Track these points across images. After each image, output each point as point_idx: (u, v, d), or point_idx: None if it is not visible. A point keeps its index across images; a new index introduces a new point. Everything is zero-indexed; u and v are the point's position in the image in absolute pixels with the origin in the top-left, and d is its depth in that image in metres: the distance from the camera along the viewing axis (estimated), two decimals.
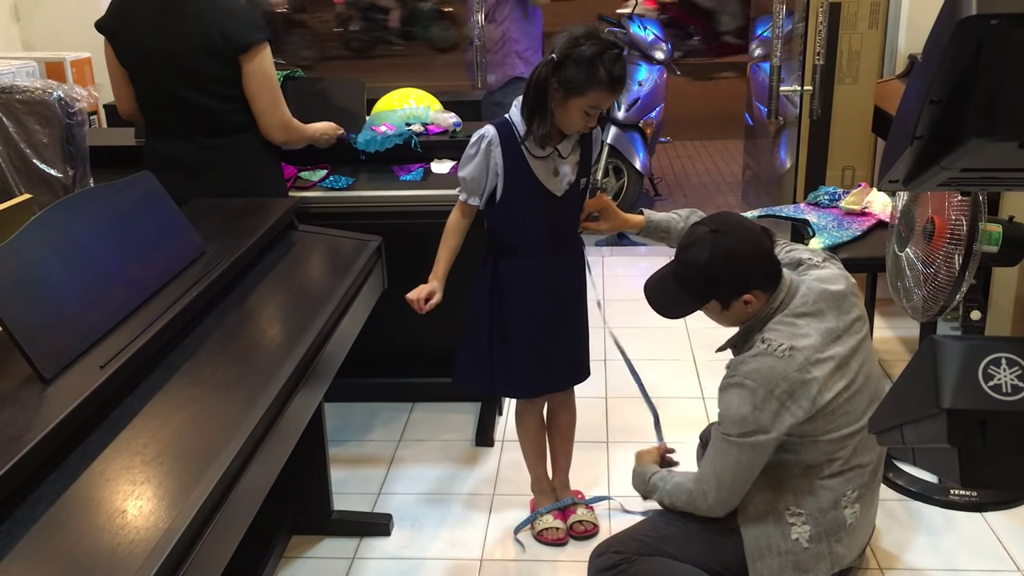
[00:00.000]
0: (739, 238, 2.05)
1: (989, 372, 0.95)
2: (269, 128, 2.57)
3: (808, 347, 2.00)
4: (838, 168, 3.79)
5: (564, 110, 2.19)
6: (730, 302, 2.08)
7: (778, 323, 2.05)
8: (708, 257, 2.04)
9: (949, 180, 1.12)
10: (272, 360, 1.79)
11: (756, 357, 2.01)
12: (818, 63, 3.54)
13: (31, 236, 1.63)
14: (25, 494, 1.32)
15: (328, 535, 2.62)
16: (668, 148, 7.03)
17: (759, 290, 2.06)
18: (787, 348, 1.99)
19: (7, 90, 2.58)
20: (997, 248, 2.53)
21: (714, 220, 2.13)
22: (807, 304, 2.05)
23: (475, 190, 2.31)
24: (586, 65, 2.12)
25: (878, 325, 3.67)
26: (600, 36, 2.16)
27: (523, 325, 2.40)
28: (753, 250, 2.05)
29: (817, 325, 2.03)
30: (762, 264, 2.06)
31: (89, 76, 3.92)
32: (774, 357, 1.99)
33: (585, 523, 2.60)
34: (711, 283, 2.07)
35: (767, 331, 2.05)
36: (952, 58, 0.95)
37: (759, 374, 1.99)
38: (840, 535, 2.10)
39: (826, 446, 2.05)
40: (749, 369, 2.01)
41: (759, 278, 2.06)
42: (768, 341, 2.01)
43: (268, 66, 2.54)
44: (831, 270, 2.16)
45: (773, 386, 1.98)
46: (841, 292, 2.09)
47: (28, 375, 1.51)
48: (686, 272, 2.10)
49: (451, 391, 3.18)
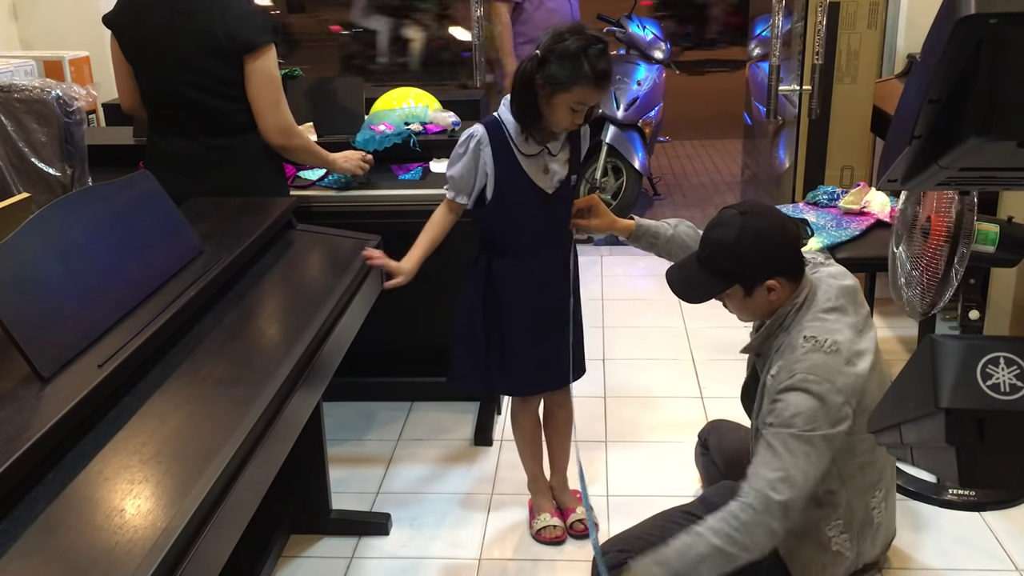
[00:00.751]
0: (768, 220, 2.02)
1: (988, 371, 0.95)
2: (268, 130, 2.56)
3: (846, 341, 1.96)
4: (837, 168, 3.79)
5: (550, 107, 2.17)
6: (753, 288, 2.03)
7: (813, 319, 2.00)
8: (736, 236, 2.00)
9: (948, 179, 1.12)
10: (270, 359, 1.78)
11: (808, 355, 1.95)
12: (817, 63, 3.54)
13: (29, 235, 1.63)
14: (23, 493, 1.31)
15: (326, 534, 2.62)
16: (667, 148, 7.03)
17: (783, 278, 2.02)
18: (832, 343, 1.95)
19: (5, 89, 2.58)
20: (994, 248, 2.53)
21: (743, 204, 2.09)
22: (831, 300, 2.02)
23: (463, 189, 2.30)
24: (570, 60, 2.10)
25: (877, 324, 3.64)
26: (584, 31, 2.14)
27: (518, 323, 2.39)
28: (781, 234, 2.02)
29: (845, 320, 2.01)
30: (789, 249, 2.03)
31: (87, 75, 3.91)
32: (824, 353, 1.94)
33: (585, 522, 2.59)
34: (738, 262, 2.02)
35: (807, 328, 1.99)
36: (951, 57, 0.95)
37: (819, 369, 1.92)
38: (868, 535, 2.10)
39: (865, 443, 2.01)
40: (806, 367, 1.93)
41: (785, 264, 2.02)
42: (813, 338, 1.96)
43: (271, 67, 2.53)
44: (838, 267, 2.15)
45: (834, 379, 1.92)
46: (854, 287, 2.08)
47: (26, 374, 1.51)
48: (712, 251, 2.06)
49: (450, 391, 3.18)
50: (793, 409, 1.91)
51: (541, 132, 2.22)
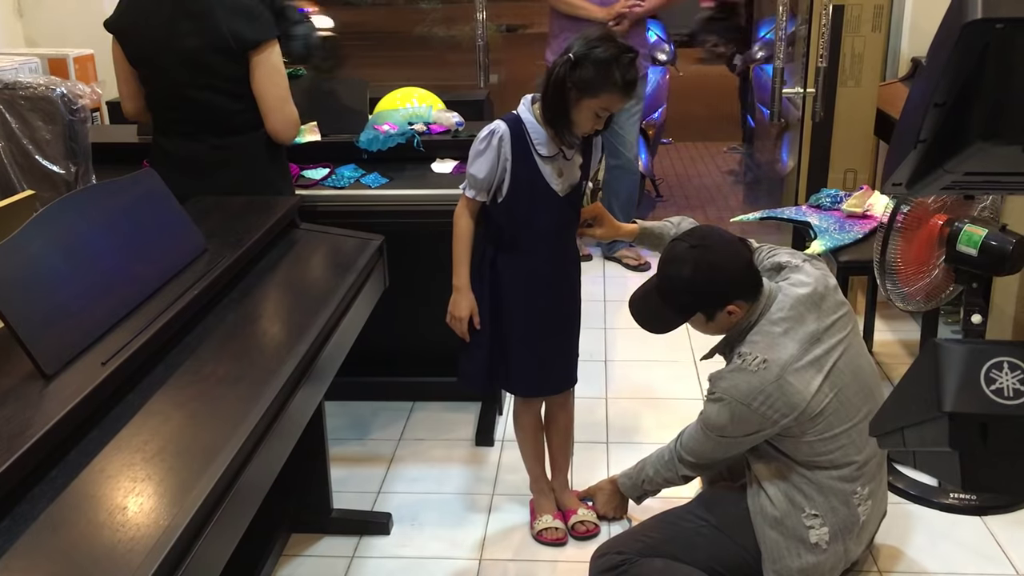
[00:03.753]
0: (719, 251, 2.13)
1: (991, 376, 0.95)
2: (277, 125, 2.55)
3: (784, 357, 2.06)
4: (840, 171, 3.79)
5: (576, 110, 2.20)
6: (715, 314, 2.15)
7: (756, 334, 2.11)
8: (691, 272, 2.12)
9: (952, 183, 1.12)
10: (273, 358, 1.79)
11: (732, 373, 2.11)
12: (821, 65, 3.54)
13: (33, 232, 1.63)
14: (26, 490, 1.32)
15: (328, 533, 2.62)
16: (670, 150, 7.02)
17: (742, 300, 2.13)
18: (760, 361, 2.06)
19: (10, 86, 2.58)
20: (976, 252, 2.53)
21: (693, 235, 2.20)
22: (783, 310, 2.11)
23: (484, 187, 2.31)
24: (602, 67, 2.14)
25: (878, 328, 3.66)
26: (615, 40, 2.19)
27: (520, 321, 2.40)
28: (734, 263, 2.13)
29: (796, 331, 2.09)
30: (743, 275, 2.13)
31: (92, 73, 3.92)
32: (748, 372, 2.07)
33: (586, 523, 2.60)
34: (695, 297, 2.14)
35: (744, 344, 2.12)
36: (957, 61, 0.95)
37: (736, 390, 2.08)
38: (853, 532, 2.16)
39: (819, 445, 2.10)
40: (727, 385, 2.11)
41: (741, 289, 2.13)
42: (743, 355, 2.09)
43: (277, 61, 2.52)
44: (809, 272, 2.19)
45: (750, 400, 2.06)
46: (819, 293, 2.13)
47: (30, 371, 1.51)
48: (670, 287, 2.17)
49: (452, 390, 3.18)
50: (711, 418, 2.16)
51: (570, 134, 2.24)
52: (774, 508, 2.13)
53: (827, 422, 2.08)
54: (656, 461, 2.39)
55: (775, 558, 2.13)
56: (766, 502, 2.14)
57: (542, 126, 2.26)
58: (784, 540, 2.12)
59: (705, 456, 2.26)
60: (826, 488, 2.12)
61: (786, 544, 2.12)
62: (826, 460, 2.11)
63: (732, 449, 2.20)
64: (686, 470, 2.32)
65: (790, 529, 2.12)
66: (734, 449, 2.20)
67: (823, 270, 2.23)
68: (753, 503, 2.17)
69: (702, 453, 2.25)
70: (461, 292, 2.37)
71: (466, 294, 2.37)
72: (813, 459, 2.11)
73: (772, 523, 2.13)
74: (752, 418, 2.08)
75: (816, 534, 2.11)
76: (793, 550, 2.12)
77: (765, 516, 2.14)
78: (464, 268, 2.37)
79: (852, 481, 2.13)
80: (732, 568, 2.16)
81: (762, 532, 2.14)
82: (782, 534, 2.12)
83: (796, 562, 2.12)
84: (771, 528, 2.14)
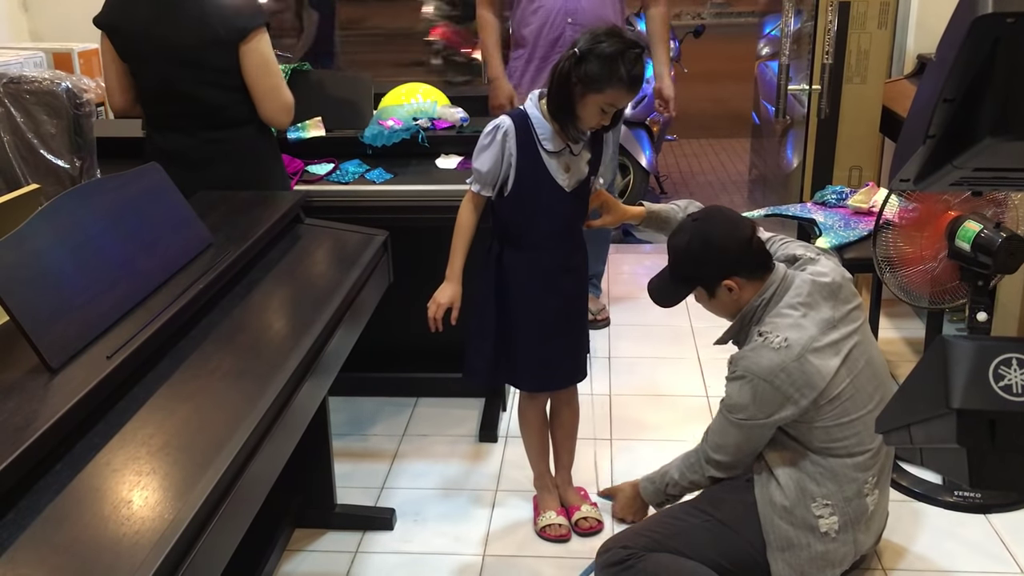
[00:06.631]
0: (717, 226, 2.19)
1: (1000, 372, 0.94)
2: (272, 112, 2.55)
3: (805, 337, 2.08)
4: (845, 168, 3.78)
5: (581, 105, 2.19)
6: (714, 288, 2.19)
7: (775, 315, 2.14)
8: (687, 242, 2.19)
9: (961, 179, 1.11)
10: (278, 353, 1.79)
11: (754, 351, 2.12)
12: (826, 62, 3.53)
13: (38, 226, 1.63)
14: (31, 484, 1.32)
15: (331, 529, 2.62)
16: (674, 146, 7.02)
17: (740, 277, 2.16)
18: (783, 339, 2.08)
19: (15, 80, 2.58)
20: (969, 247, 2.52)
21: (700, 211, 2.29)
22: (801, 296, 2.13)
23: (489, 181, 2.31)
24: (607, 62, 2.13)
25: (883, 326, 3.66)
26: (622, 35, 2.19)
27: (527, 317, 2.40)
28: (731, 237, 2.17)
29: (814, 316, 2.11)
30: (741, 250, 2.16)
31: (97, 67, 3.91)
32: (771, 349, 2.09)
33: (590, 519, 2.59)
34: (694, 267, 2.20)
35: (764, 324, 2.14)
36: (967, 56, 0.94)
37: (759, 367, 2.09)
38: (862, 522, 2.16)
39: (835, 431, 2.11)
40: (748, 363, 2.11)
41: (739, 264, 2.16)
42: (765, 334, 2.11)
43: (266, 48, 2.51)
44: (825, 264, 2.22)
45: (772, 377, 2.07)
46: (836, 283, 2.16)
47: (35, 364, 1.51)
48: (673, 259, 2.25)
49: (456, 386, 3.18)
50: (733, 399, 2.15)
51: (575, 129, 2.24)
52: (784, 497, 2.13)
53: (843, 407, 2.10)
54: (682, 463, 2.34)
55: (784, 547, 2.13)
56: (775, 490, 2.14)
57: (548, 121, 2.26)
58: (794, 530, 2.12)
59: (730, 448, 2.20)
60: (840, 476, 2.12)
61: (795, 533, 2.12)
62: (841, 447, 2.12)
63: (755, 437, 2.16)
64: (712, 470, 2.25)
65: (799, 518, 2.12)
66: (757, 437, 2.16)
67: (837, 263, 2.26)
68: (761, 493, 2.16)
69: (727, 445, 2.20)
70: (450, 281, 2.38)
71: (454, 284, 2.37)
72: (828, 445, 2.12)
73: (781, 512, 2.13)
74: (774, 397, 2.07)
75: (826, 523, 2.12)
76: (803, 539, 2.12)
77: (774, 506, 2.14)
78: (458, 260, 2.37)
79: (866, 470, 2.14)
80: (738, 563, 2.16)
81: (769, 522, 2.14)
82: (791, 523, 2.12)
83: (806, 551, 2.12)
84: (779, 518, 2.13)
